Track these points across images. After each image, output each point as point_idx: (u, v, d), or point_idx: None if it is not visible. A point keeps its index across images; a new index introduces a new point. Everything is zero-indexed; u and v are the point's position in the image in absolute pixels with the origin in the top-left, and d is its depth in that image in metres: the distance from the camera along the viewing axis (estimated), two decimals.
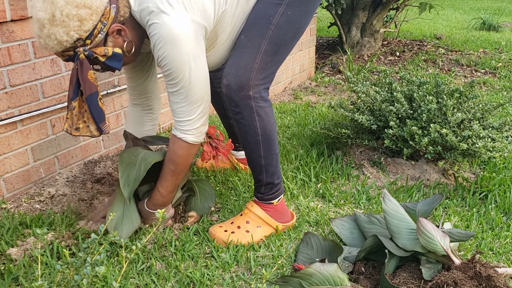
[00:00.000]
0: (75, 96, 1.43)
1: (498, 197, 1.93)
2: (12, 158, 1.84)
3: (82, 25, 1.32)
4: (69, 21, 1.31)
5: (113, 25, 1.38)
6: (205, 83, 1.46)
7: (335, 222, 1.69)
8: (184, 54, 1.37)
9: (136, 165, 1.57)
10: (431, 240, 1.36)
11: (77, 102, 1.44)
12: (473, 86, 2.08)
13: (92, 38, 1.36)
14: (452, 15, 7.66)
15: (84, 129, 1.48)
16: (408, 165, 2.14)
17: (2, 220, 1.67)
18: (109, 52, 1.40)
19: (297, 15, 1.50)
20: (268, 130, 1.55)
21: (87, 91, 1.41)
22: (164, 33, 1.35)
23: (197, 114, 1.47)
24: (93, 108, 1.44)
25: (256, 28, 1.48)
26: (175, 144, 1.52)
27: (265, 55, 1.49)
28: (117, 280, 1.26)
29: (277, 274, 1.49)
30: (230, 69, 1.49)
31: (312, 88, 3.60)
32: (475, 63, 4.33)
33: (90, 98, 1.42)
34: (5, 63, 1.74)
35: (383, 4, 4.41)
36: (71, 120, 1.46)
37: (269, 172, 1.61)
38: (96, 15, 1.33)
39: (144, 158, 1.58)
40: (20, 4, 1.74)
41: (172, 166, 1.54)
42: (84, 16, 1.32)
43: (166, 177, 1.57)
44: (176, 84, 1.42)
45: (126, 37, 1.43)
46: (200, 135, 1.52)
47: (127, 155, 1.60)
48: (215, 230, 1.64)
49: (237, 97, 1.49)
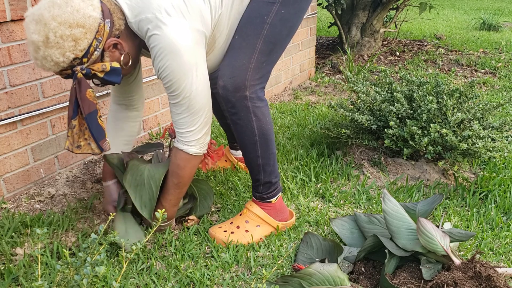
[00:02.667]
0: (74, 115, 1.42)
1: (498, 197, 1.93)
2: (12, 158, 1.84)
3: (77, 45, 1.30)
4: (64, 42, 1.29)
5: (108, 40, 1.36)
6: (206, 92, 1.45)
7: (335, 222, 1.69)
8: (185, 64, 1.36)
9: (145, 185, 1.56)
10: (431, 240, 1.36)
11: (77, 120, 1.43)
12: (473, 86, 2.08)
13: (88, 56, 1.34)
14: (452, 15, 7.66)
15: (86, 147, 1.46)
16: (408, 165, 2.14)
17: (2, 220, 1.67)
18: (107, 68, 1.38)
19: (291, 13, 1.50)
20: (265, 130, 1.55)
21: (85, 110, 1.40)
22: (165, 44, 1.33)
23: (199, 124, 1.47)
24: (93, 127, 1.42)
25: (251, 27, 1.48)
26: (177, 157, 1.51)
27: (260, 55, 1.49)
28: (117, 280, 1.26)
29: (277, 274, 1.49)
30: (226, 70, 1.48)
31: (312, 88, 3.60)
32: (475, 63, 4.34)
33: (89, 117, 1.41)
34: (5, 63, 1.74)
35: (383, 4, 4.41)
36: (72, 138, 1.45)
37: (267, 172, 1.61)
38: (91, 33, 1.31)
39: (150, 176, 1.56)
40: (20, 4, 1.74)
41: (175, 179, 1.54)
42: (78, 36, 1.29)
43: (169, 191, 1.56)
44: (178, 96, 1.41)
45: (123, 50, 1.41)
46: (202, 146, 1.52)
47: (131, 177, 1.58)
48: (214, 231, 1.64)
49: (233, 98, 1.49)
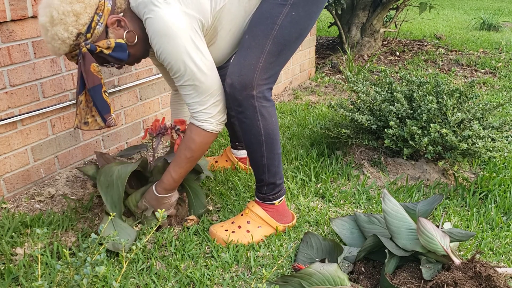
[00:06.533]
0: (81, 90, 1.49)
1: (498, 197, 1.93)
2: (12, 158, 1.84)
3: (79, 19, 1.38)
4: (66, 18, 1.37)
5: (110, 16, 1.43)
6: (212, 72, 1.48)
7: (335, 222, 1.69)
8: (180, 46, 1.40)
9: (114, 185, 1.60)
10: (431, 240, 1.36)
11: (83, 96, 1.50)
12: (473, 86, 2.08)
13: (91, 31, 1.41)
14: (452, 15, 7.66)
15: (93, 123, 1.53)
16: (408, 165, 2.14)
17: (2, 220, 1.67)
18: (112, 44, 1.44)
19: (301, 16, 1.50)
20: (271, 130, 1.56)
21: (90, 83, 1.46)
22: (158, 27, 1.38)
23: (211, 103, 1.50)
24: (97, 100, 1.48)
25: (261, 28, 1.49)
26: (192, 132, 1.54)
27: (269, 55, 1.49)
28: (117, 280, 1.26)
29: (277, 274, 1.49)
30: (234, 68, 1.50)
31: (312, 88, 3.60)
32: (475, 63, 4.34)
33: (93, 90, 1.47)
34: (5, 63, 1.74)
35: (383, 4, 4.41)
36: (80, 115, 1.52)
37: (271, 172, 1.62)
38: (90, 7, 1.39)
39: (118, 176, 1.61)
40: (20, 4, 1.74)
41: (188, 153, 1.56)
42: (78, 10, 1.37)
43: (181, 164, 1.58)
44: (181, 77, 1.45)
45: (127, 27, 1.46)
46: (219, 124, 1.54)
47: (103, 178, 1.63)
48: (215, 229, 1.64)
49: (240, 96, 1.49)
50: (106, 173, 1.63)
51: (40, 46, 1.85)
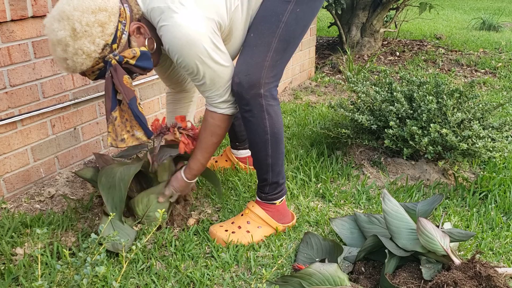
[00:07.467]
0: (114, 106, 1.41)
1: (498, 197, 1.93)
2: (12, 158, 1.84)
3: (105, 29, 1.31)
4: (91, 29, 1.28)
5: (131, 23, 1.38)
6: (229, 63, 1.48)
7: (335, 222, 1.69)
8: (201, 52, 1.38)
9: (116, 187, 1.58)
10: (431, 240, 1.36)
11: (117, 112, 1.42)
12: (473, 86, 2.08)
13: (117, 42, 1.35)
14: (452, 15, 7.66)
15: (130, 139, 1.46)
16: (408, 165, 2.14)
17: (2, 220, 1.67)
18: (137, 53, 1.39)
19: (305, 12, 1.51)
20: (276, 129, 1.56)
21: (127, 96, 1.39)
22: (179, 34, 1.34)
23: (229, 91, 1.51)
24: (137, 113, 1.42)
25: (266, 26, 1.48)
26: (215, 119, 1.55)
27: (275, 53, 1.49)
28: (117, 280, 1.26)
29: (277, 274, 1.49)
30: (241, 67, 1.49)
31: (312, 88, 3.60)
32: (475, 63, 4.33)
33: (131, 102, 1.41)
34: (5, 63, 1.74)
35: (383, 4, 4.41)
36: (114, 132, 1.43)
37: (275, 172, 1.62)
38: (114, 16, 1.32)
39: (121, 177, 1.58)
40: (20, 4, 1.74)
41: (215, 138, 1.58)
42: (103, 20, 1.30)
43: (208, 149, 1.60)
44: (202, 78, 1.46)
45: (147, 33, 1.43)
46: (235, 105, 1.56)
47: (105, 179, 1.60)
48: (215, 229, 1.64)
49: (247, 95, 1.49)
50: (108, 174, 1.61)
51: (40, 46, 1.85)
